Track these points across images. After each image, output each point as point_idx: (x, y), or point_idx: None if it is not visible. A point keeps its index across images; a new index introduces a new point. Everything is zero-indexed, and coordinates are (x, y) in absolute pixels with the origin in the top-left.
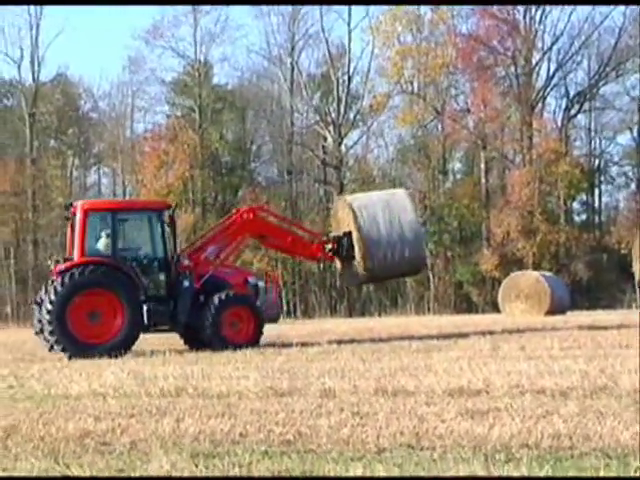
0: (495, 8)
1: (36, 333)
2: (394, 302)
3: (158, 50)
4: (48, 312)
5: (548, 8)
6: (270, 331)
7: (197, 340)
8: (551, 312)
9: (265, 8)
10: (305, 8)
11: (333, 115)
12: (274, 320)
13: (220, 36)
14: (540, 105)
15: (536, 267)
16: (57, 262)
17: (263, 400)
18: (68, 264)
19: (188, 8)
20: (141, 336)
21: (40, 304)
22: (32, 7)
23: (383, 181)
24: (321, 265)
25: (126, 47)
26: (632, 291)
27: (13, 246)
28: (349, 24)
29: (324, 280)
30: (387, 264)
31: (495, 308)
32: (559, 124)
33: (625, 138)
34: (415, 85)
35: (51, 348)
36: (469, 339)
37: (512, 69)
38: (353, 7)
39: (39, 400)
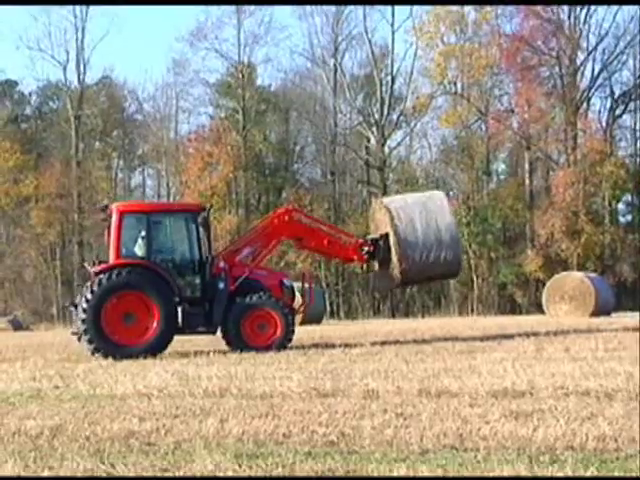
0: (539, 7)
1: (73, 333)
2: (437, 303)
3: (202, 52)
4: (84, 311)
5: (593, 8)
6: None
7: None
8: (596, 313)
9: (308, 9)
10: (348, 9)
11: (376, 116)
12: (317, 321)
13: (264, 37)
14: (585, 105)
15: (580, 268)
16: (94, 264)
17: (306, 401)
18: (103, 266)
19: (232, 9)
20: (179, 338)
21: (77, 306)
22: (78, 9)
23: (426, 182)
24: (364, 266)
25: (170, 49)
26: None
27: (59, 247)
28: (392, 25)
29: (367, 281)
30: (423, 266)
31: (539, 309)
32: (604, 124)
33: None
34: (459, 86)
35: (93, 352)
36: (513, 340)
37: (556, 69)
38: (397, 8)
39: (84, 400)
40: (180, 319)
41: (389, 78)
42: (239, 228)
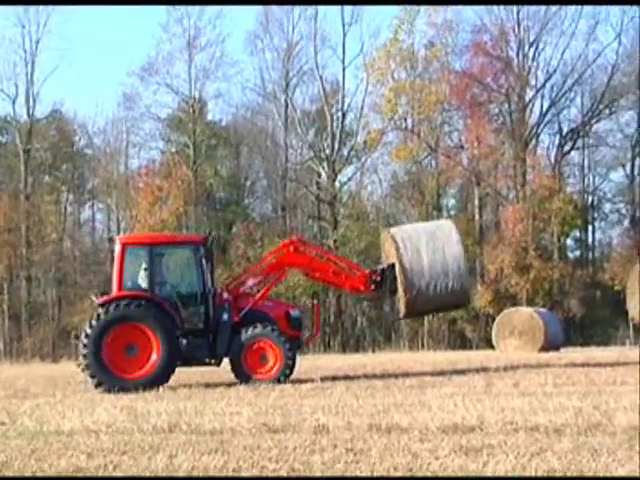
0: (489, 45)
1: (78, 366)
2: (388, 338)
3: (153, 86)
4: (84, 345)
5: (541, 45)
6: None
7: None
8: (545, 348)
9: (260, 45)
10: (299, 45)
11: (327, 151)
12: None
13: (215, 72)
14: (534, 142)
15: (530, 303)
16: (97, 296)
17: (256, 436)
18: (105, 298)
19: (183, 45)
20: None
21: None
22: (27, 43)
23: (377, 217)
24: (314, 300)
25: (121, 84)
26: (625, 328)
27: (6, 282)
28: (343, 61)
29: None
30: (430, 296)
31: (489, 344)
32: (552, 161)
33: (618, 175)
34: (409, 121)
35: (96, 386)
36: (463, 375)
37: (506, 106)
38: (347, 44)
39: (31, 437)
40: (184, 351)
41: (340, 113)
42: None
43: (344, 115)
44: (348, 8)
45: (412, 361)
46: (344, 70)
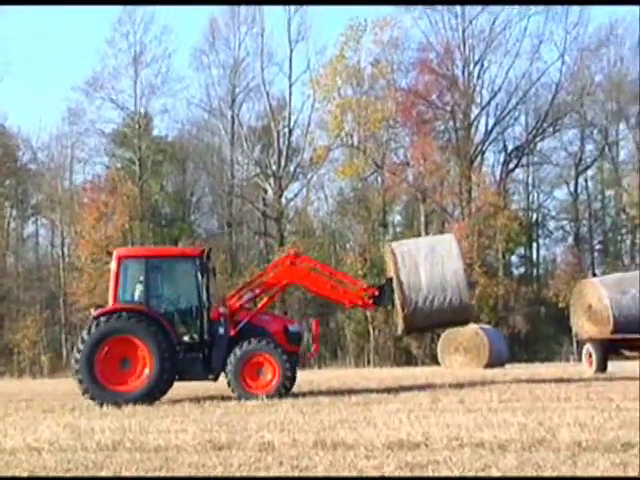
0: (434, 63)
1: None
2: (334, 354)
3: (98, 101)
4: (76, 360)
5: (486, 64)
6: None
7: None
8: (490, 365)
9: (206, 60)
10: (246, 61)
11: (274, 167)
12: None
13: (160, 88)
14: (479, 159)
15: (475, 320)
16: (95, 309)
17: (201, 454)
18: (100, 311)
19: (128, 60)
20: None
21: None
22: None
23: (323, 234)
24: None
25: (65, 98)
26: (569, 344)
27: None
28: (290, 77)
29: None
30: (428, 312)
31: (434, 361)
32: (497, 178)
33: (562, 192)
34: (355, 138)
35: (91, 399)
36: (409, 392)
37: (451, 123)
38: (294, 61)
39: None
40: (179, 365)
41: (286, 130)
42: None
43: (290, 131)
44: (294, 25)
45: (358, 377)
46: (291, 87)
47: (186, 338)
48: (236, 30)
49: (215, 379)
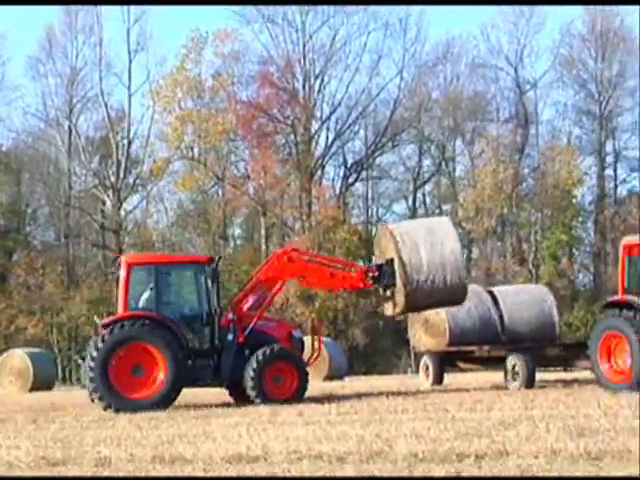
0: (275, 77)
1: (83, 386)
2: None
3: None
4: (91, 368)
5: (327, 78)
6: None
7: (244, 394)
8: (329, 377)
9: (42, 70)
10: (84, 71)
11: (112, 179)
12: (48, 387)
13: None
14: (319, 173)
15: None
16: (103, 317)
17: (35, 470)
18: (111, 318)
19: None
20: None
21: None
22: None
23: (163, 246)
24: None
25: None
26: (407, 356)
27: None
28: (129, 88)
29: None
30: (428, 290)
31: None
32: (337, 192)
33: (401, 207)
34: (196, 151)
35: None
36: (248, 405)
37: (292, 137)
38: (133, 71)
39: None
40: (190, 372)
41: (126, 141)
42: None
43: (130, 143)
44: (134, 35)
45: (194, 392)
46: (130, 97)
47: (197, 345)
48: (73, 39)
49: (223, 385)
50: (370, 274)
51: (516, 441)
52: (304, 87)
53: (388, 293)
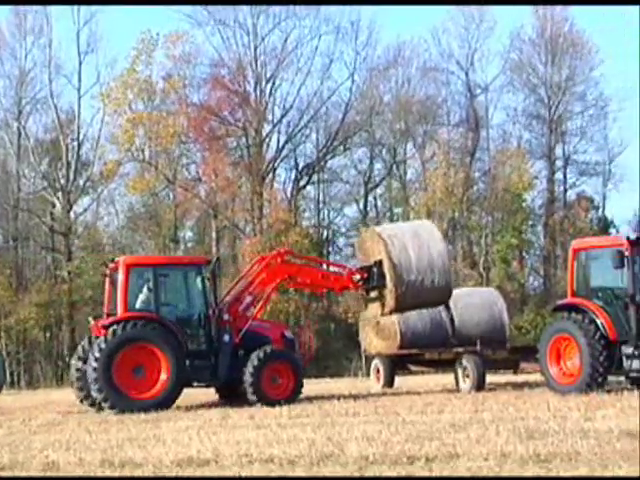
0: (227, 79)
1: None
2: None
3: None
4: (94, 369)
5: (278, 81)
6: None
7: (234, 394)
8: None
9: None
10: (33, 72)
11: (62, 181)
12: None
13: None
14: (270, 176)
15: None
16: (95, 318)
17: None
18: (112, 319)
19: None
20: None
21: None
22: None
23: (113, 249)
24: (47, 334)
25: None
26: (358, 359)
27: None
28: (79, 90)
29: (50, 350)
30: (417, 291)
31: None
32: (289, 195)
33: (352, 210)
34: (147, 153)
35: (99, 408)
36: (199, 409)
37: (243, 140)
38: (83, 73)
39: None
40: (187, 372)
41: (76, 143)
42: None
43: (80, 145)
44: (84, 37)
45: None
46: (80, 99)
47: (194, 345)
48: (22, 40)
49: (219, 385)
50: (358, 276)
51: (466, 444)
52: (255, 90)
53: (373, 294)
